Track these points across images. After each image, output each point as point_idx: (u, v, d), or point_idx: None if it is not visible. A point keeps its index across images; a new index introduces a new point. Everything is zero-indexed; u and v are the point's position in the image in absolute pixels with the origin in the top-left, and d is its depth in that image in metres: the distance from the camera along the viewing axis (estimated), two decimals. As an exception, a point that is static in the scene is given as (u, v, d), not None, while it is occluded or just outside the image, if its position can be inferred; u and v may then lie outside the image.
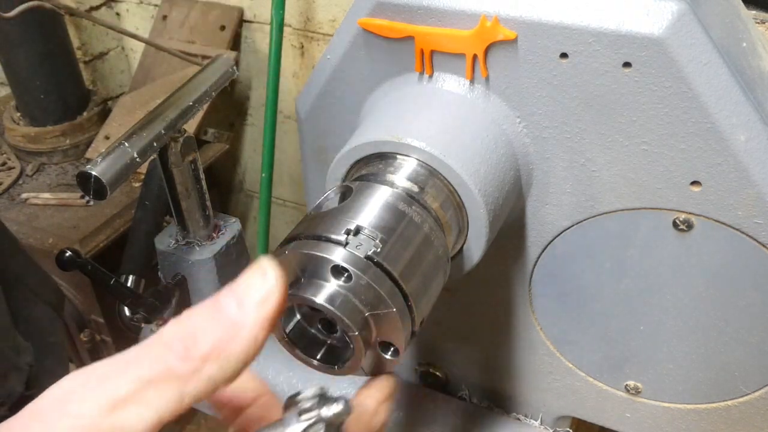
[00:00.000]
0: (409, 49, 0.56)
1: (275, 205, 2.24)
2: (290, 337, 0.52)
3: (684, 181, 0.52)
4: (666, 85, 0.49)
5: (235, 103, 2.22)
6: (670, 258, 0.56)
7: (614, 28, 0.49)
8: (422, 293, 0.49)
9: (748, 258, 0.53)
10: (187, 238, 0.80)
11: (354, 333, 0.46)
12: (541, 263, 0.61)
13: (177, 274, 0.82)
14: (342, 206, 0.50)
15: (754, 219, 0.51)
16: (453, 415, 0.73)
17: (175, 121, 0.66)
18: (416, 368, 0.75)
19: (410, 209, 0.50)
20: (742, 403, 0.61)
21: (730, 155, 0.50)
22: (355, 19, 0.57)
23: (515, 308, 0.65)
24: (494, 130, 0.55)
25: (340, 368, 0.51)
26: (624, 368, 0.64)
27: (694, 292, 0.57)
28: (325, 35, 1.93)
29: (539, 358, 0.67)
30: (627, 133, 0.52)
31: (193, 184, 0.77)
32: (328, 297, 0.46)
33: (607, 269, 0.59)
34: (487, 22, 0.52)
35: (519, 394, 0.71)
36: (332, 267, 0.46)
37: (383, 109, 0.58)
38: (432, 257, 0.50)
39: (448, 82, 0.56)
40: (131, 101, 1.92)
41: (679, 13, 0.48)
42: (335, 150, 0.61)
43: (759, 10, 0.77)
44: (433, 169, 0.52)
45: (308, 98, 0.63)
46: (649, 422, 0.66)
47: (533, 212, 0.59)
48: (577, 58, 0.51)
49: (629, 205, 0.55)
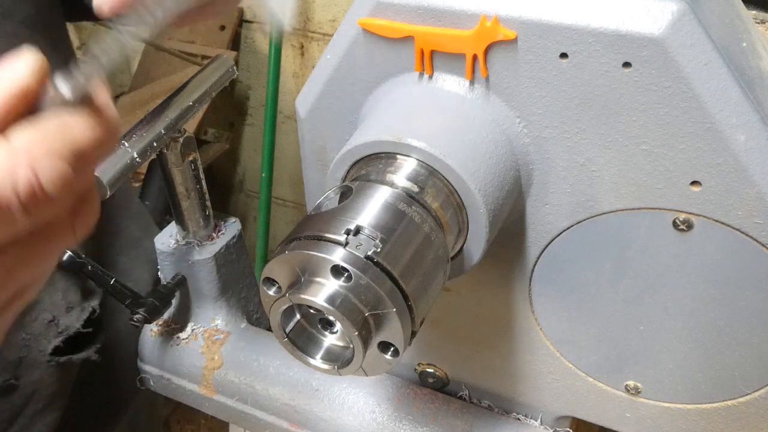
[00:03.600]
0: (409, 49, 0.56)
1: (275, 205, 2.24)
2: (290, 337, 0.52)
3: (684, 181, 0.52)
4: (666, 85, 0.49)
5: (235, 103, 2.22)
6: (670, 258, 0.56)
7: (614, 28, 0.49)
8: (422, 293, 0.49)
9: (748, 258, 0.53)
10: (187, 238, 0.80)
11: (354, 333, 0.46)
12: (541, 263, 0.61)
13: (177, 274, 0.82)
14: (342, 206, 0.50)
15: (754, 219, 0.51)
16: (453, 415, 0.73)
17: (175, 121, 0.66)
18: (416, 368, 0.76)
19: (410, 209, 0.50)
20: (742, 403, 0.61)
21: (730, 155, 0.50)
22: (355, 19, 0.57)
23: (515, 308, 0.65)
24: (494, 130, 0.55)
25: (340, 368, 0.51)
26: (624, 368, 0.64)
27: (694, 292, 0.57)
28: (325, 35, 1.93)
29: (539, 359, 0.67)
30: (627, 133, 0.52)
31: (193, 184, 0.77)
32: (328, 297, 0.46)
33: (607, 269, 0.59)
34: (487, 22, 0.52)
35: (519, 394, 0.71)
36: (332, 267, 0.46)
37: (383, 109, 0.58)
38: (432, 257, 0.50)
39: (448, 82, 0.56)
40: (131, 101, 1.92)
41: (679, 13, 0.48)
42: (335, 150, 0.61)
43: (759, 10, 0.77)
44: (433, 169, 0.52)
45: (308, 98, 0.64)
46: (649, 422, 0.66)
47: (533, 212, 0.59)
48: (577, 58, 0.51)
49: (629, 205, 0.55)
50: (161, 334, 0.85)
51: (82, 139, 0.35)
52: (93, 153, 0.36)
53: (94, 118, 0.36)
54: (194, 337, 0.84)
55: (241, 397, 0.81)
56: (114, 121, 0.37)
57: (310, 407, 0.77)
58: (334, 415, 0.76)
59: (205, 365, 0.83)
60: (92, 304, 0.81)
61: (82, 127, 0.35)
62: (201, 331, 0.84)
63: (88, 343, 0.81)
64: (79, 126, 0.35)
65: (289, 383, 0.79)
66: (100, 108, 0.36)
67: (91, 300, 0.81)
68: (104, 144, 0.37)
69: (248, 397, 0.80)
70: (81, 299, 0.80)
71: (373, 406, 0.75)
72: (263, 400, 0.80)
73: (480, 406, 0.74)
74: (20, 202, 0.33)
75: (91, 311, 0.80)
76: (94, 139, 0.36)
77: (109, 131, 0.37)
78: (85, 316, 0.80)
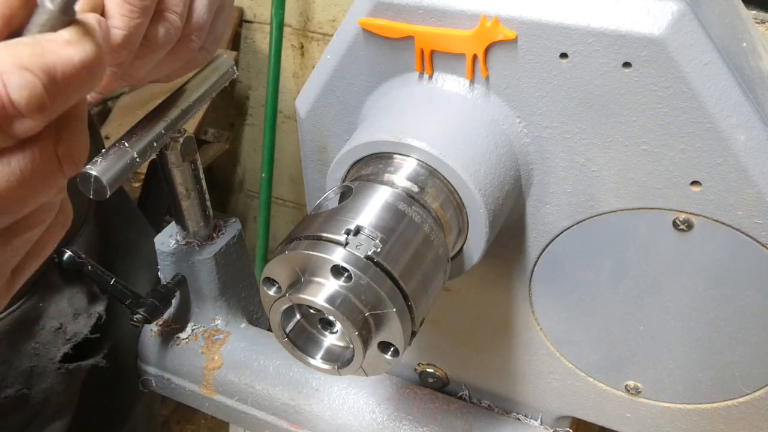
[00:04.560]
0: (409, 49, 0.56)
1: (275, 205, 2.24)
2: (290, 337, 0.52)
3: (684, 181, 0.52)
4: (666, 85, 0.49)
5: (235, 103, 2.22)
6: (670, 258, 0.56)
7: (614, 28, 0.49)
8: (422, 293, 0.49)
9: (748, 258, 0.53)
10: (187, 238, 0.80)
11: (354, 333, 0.46)
12: (541, 263, 0.61)
13: (177, 274, 0.82)
14: (342, 206, 0.50)
15: (754, 219, 0.51)
16: (453, 415, 0.73)
17: (175, 121, 0.66)
18: (416, 368, 0.76)
19: (410, 209, 0.50)
20: (742, 403, 0.61)
21: (730, 155, 0.50)
22: (355, 19, 0.57)
23: (515, 308, 0.65)
24: (494, 130, 0.55)
25: (340, 368, 0.51)
26: (624, 368, 0.64)
27: (694, 292, 0.57)
28: (325, 35, 1.93)
29: (539, 358, 0.67)
30: (627, 133, 0.52)
31: (193, 184, 0.77)
32: (328, 297, 0.46)
33: (607, 269, 0.59)
34: (487, 22, 0.52)
35: (519, 394, 0.71)
36: (332, 267, 0.46)
37: (383, 108, 0.58)
38: (432, 257, 0.50)
39: (448, 82, 0.56)
40: (131, 101, 1.92)
41: (679, 13, 0.48)
42: (335, 150, 0.61)
43: (759, 10, 0.77)
44: (433, 169, 0.52)
45: (308, 98, 0.64)
46: (649, 422, 0.66)
47: (533, 212, 0.59)
48: (577, 58, 0.51)
49: (629, 205, 0.55)
50: (161, 334, 0.85)
51: (56, 58, 0.34)
52: (71, 74, 0.35)
53: (76, 39, 0.35)
54: (194, 337, 0.84)
55: (241, 397, 0.81)
56: (98, 45, 0.36)
57: (310, 407, 0.77)
58: (334, 415, 0.76)
59: (205, 365, 0.83)
60: (98, 309, 0.81)
61: (58, 46, 0.34)
62: (201, 331, 0.84)
63: (94, 349, 0.81)
64: (55, 44, 0.34)
65: (289, 383, 0.79)
66: (85, 29, 0.35)
67: (97, 305, 0.81)
68: (85, 67, 0.35)
69: (248, 397, 0.80)
70: (87, 305, 0.80)
71: (373, 406, 0.75)
72: (263, 400, 0.80)
73: (480, 406, 0.74)
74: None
75: (98, 317, 0.80)
76: (72, 60, 0.35)
77: (92, 55, 0.35)
78: (92, 322, 0.80)
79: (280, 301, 0.49)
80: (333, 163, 0.56)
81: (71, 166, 0.38)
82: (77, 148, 0.39)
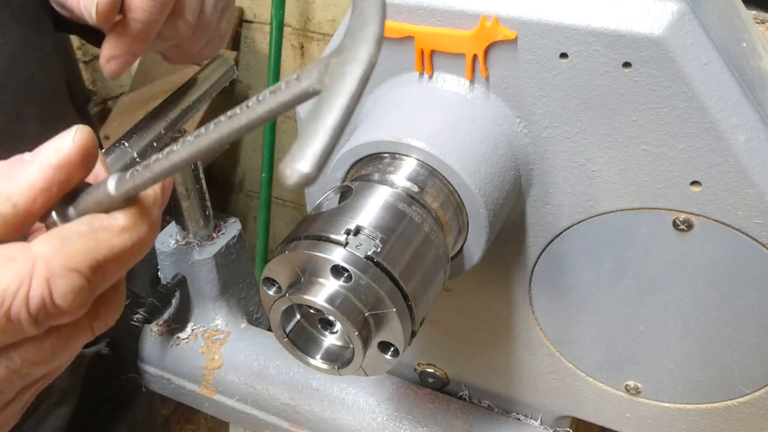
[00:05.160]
0: (409, 49, 0.56)
1: (275, 205, 2.24)
2: (290, 337, 0.52)
3: (684, 181, 0.52)
4: (666, 85, 0.49)
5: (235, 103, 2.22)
6: (670, 258, 0.56)
7: (614, 28, 0.49)
8: (422, 293, 0.49)
9: (748, 258, 0.53)
10: (187, 238, 0.80)
11: (354, 333, 0.46)
12: (541, 263, 0.61)
13: (177, 274, 0.82)
14: (342, 206, 0.50)
15: (754, 219, 0.51)
16: (453, 415, 0.73)
17: (175, 121, 0.66)
18: (416, 368, 0.76)
19: (410, 209, 0.50)
20: (742, 403, 0.61)
21: (730, 155, 0.50)
22: (355, 19, 0.57)
23: (515, 308, 0.65)
24: (494, 130, 0.55)
25: (340, 368, 0.51)
26: (624, 368, 0.64)
27: (694, 292, 0.57)
28: (324, 35, 1.93)
29: (539, 358, 0.67)
30: (627, 133, 0.52)
31: (193, 184, 0.77)
32: (328, 297, 0.46)
33: (607, 269, 0.59)
34: (487, 22, 0.52)
35: (519, 394, 0.71)
36: (332, 267, 0.46)
37: (383, 108, 0.58)
38: (432, 257, 0.50)
39: (448, 82, 0.56)
40: (131, 101, 1.92)
41: (679, 13, 0.48)
42: (335, 150, 0.60)
43: (759, 10, 0.77)
44: (433, 169, 0.52)
45: (308, 98, 0.64)
46: (649, 422, 0.66)
47: (533, 212, 0.59)
48: (577, 58, 0.51)
49: (629, 205, 0.55)
50: (161, 334, 0.85)
51: (108, 250, 0.33)
52: (119, 261, 0.34)
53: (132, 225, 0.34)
54: (194, 337, 0.84)
55: (241, 397, 0.81)
56: (152, 227, 0.35)
57: (310, 407, 0.77)
58: (334, 415, 0.76)
59: (205, 365, 0.83)
60: None
61: (112, 235, 0.34)
62: (201, 331, 0.84)
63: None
64: (110, 233, 0.33)
65: (289, 383, 0.79)
66: (143, 211, 0.35)
67: None
68: (135, 250, 0.35)
69: (248, 397, 0.80)
70: None
71: (373, 406, 0.75)
72: (263, 400, 0.80)
73: (480, 406, 0.74)
74: (29, 314, 0.33)
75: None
76: (123, 248, 0.34)
77: (144, 236, 0.35)
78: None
79: (280, 301, 0.49)
80: (333, 163, 0.56)
81: (103, 328, 0.38)
82: (113, 316, 0.38)
